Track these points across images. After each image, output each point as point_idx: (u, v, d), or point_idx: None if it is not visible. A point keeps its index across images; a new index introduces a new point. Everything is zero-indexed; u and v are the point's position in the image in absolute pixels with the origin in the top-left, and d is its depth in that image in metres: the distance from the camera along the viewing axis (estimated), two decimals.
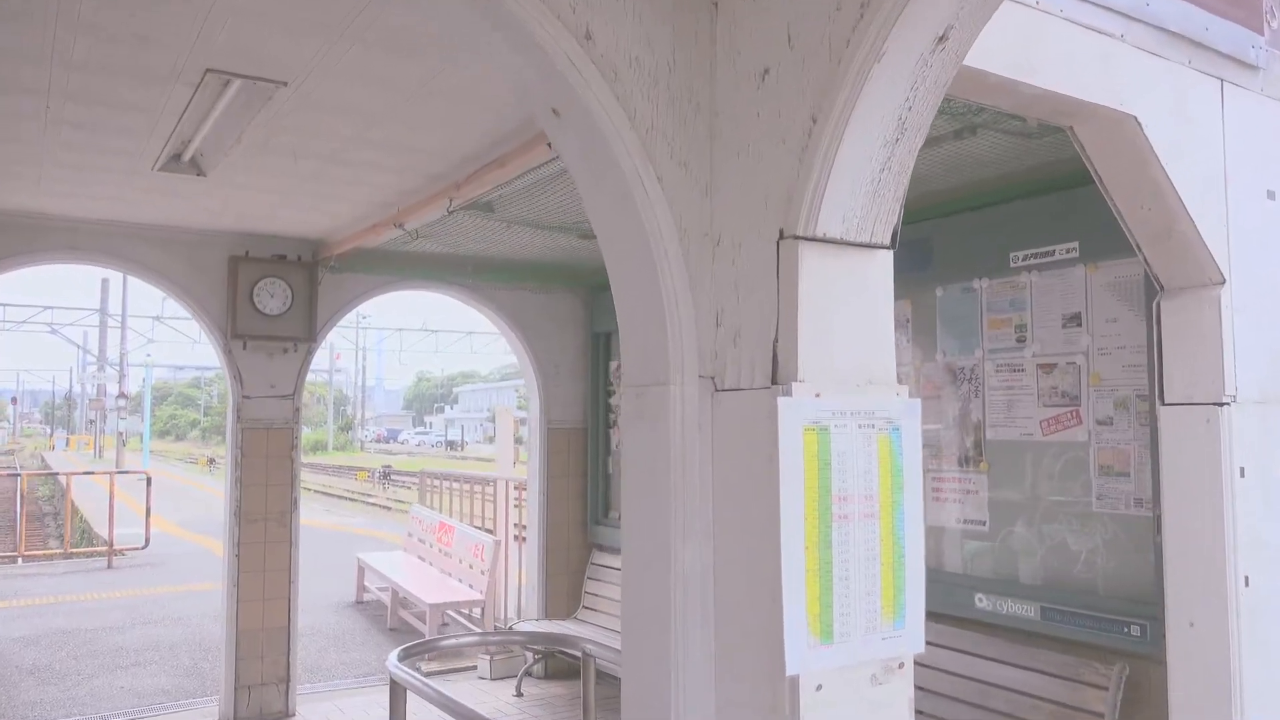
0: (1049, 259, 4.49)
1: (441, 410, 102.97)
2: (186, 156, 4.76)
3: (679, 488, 2.22)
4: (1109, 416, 4.29)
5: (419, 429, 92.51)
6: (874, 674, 2.08)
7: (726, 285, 2.23)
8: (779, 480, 1.97)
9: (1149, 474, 4.09)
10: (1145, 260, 3.58)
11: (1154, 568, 4.02)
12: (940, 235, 4.93)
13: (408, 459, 48.09)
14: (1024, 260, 4.58)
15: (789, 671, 1.95)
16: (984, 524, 4.75)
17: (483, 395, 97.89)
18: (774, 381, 2.06)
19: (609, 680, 4.57)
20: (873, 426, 2.11)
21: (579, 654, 4.20)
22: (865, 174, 2.04)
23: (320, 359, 7.35)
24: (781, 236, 2.07)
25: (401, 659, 3.69)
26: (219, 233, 6.52)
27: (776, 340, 2.07)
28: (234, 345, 6.61)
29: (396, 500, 26.71)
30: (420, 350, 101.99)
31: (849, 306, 2.11)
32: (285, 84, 3.67)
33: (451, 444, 68.61)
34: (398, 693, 3.56)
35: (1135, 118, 3.18)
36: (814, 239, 2.04)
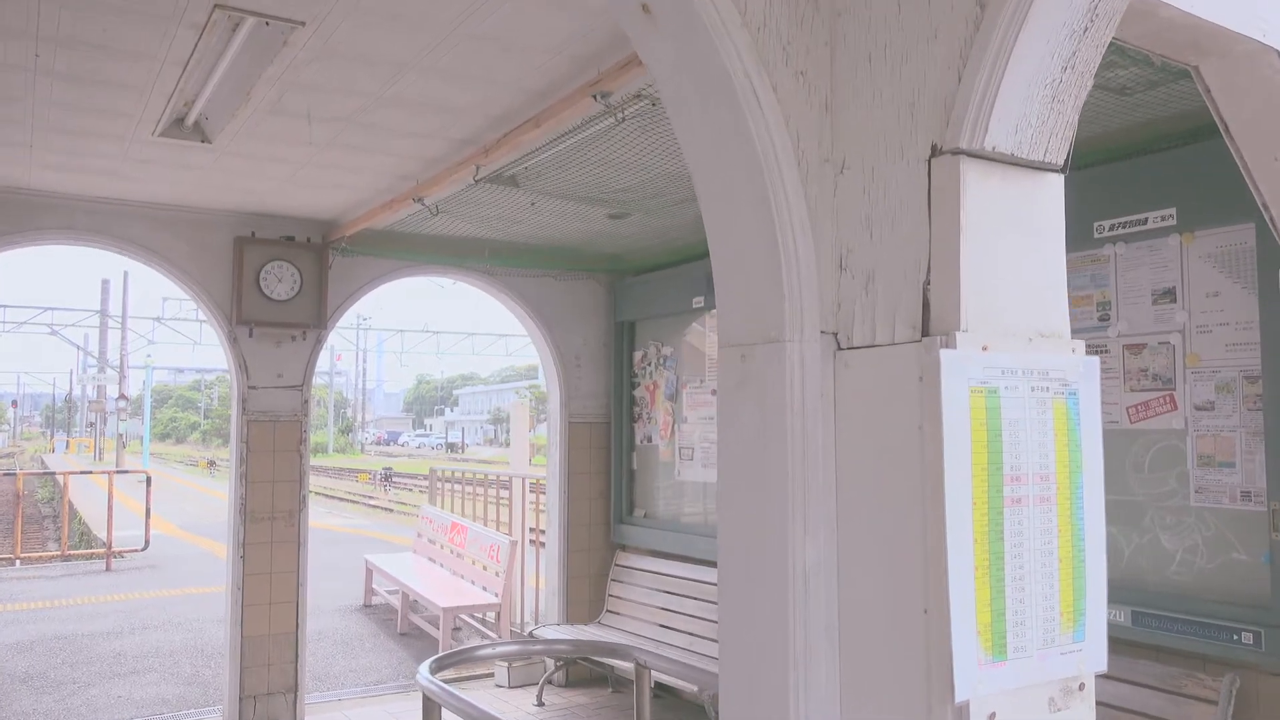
0: (1140, 228, 4.07)
1: (441, 413, 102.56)
2: (190, 119, 4.36)
3: (797, 470, 1.81)
4: (1209, 401, 3.88)
5: (419, 431, 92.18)
6: (1052, 697, 1.67)
7: (854, 220, 1.82)
8: (942, 455, 1.57)
9: (1259, 464, 3.69)
10: (1271, 221, 3.17)
11: (1268, 567, 3.62)
12: None
13: (408, 461, 47.76)
14: (1110, 230, 4.17)
15: (958, 697, 1.54)
16: None
17: (483, 398, 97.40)
18: (925, 333, 1.66)
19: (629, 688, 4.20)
20: (1047, 390, 1.70)
21: (631, 664, 3.78)
22: (1046, 73, 1.64)
23: (320, 361, 7.00)
24: (935, 153, 1.67)
25: (434, 671, 3.28)
26: (223, 212, 6.11)
27: (928, 283, 1.66)
28: (239, 332, 6.20)
29: (398, 502, 26.40)
30: (421, 351, 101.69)
31: (1017, 241, 1.71)
32: (303, 24, 3.26)
33: (452, 446, 68.40)
34: (431, 708, 3.15)
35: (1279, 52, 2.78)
36: (980, 155, 1.64)
